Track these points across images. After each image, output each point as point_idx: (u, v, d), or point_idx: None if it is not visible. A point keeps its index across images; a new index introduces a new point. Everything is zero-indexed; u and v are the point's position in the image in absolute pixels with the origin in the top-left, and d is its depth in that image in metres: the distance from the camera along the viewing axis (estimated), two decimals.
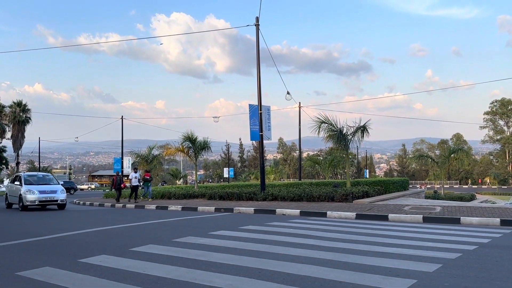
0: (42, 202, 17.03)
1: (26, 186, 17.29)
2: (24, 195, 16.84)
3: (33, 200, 16.77)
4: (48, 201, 17.23)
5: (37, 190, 17.01)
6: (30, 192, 16.87)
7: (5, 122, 52.49)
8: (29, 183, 17.68)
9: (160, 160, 33.97)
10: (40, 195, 16.94)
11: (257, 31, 17.51)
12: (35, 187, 17.34)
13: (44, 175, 19.74)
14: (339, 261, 5.76)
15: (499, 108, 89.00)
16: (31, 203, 16.79)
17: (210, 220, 11.74)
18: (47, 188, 17.50)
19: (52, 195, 17.30)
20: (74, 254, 6.57)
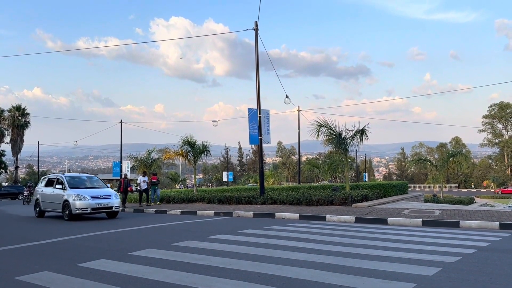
0: (95, 209, 14.04)
1: (72, 191, 14.15)
2: (73, 202, 13.69)
3: (84, 207, 13.74)
4: (102, 208, 14.30)
5: (88, 195, 13.98)
6: (80, 198, 13.80)
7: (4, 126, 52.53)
8: (75, 187, 14.60)
9: (159, 164, 33.98)
10: (93, 201, 13.95)
11: (256, 35, 17.57)
12: (84, 191, 14.31)
13: (88, 176, 16.68)
14: (338, 265, 5.75)
15: (498, 111, 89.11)
16: (83, 210, 13.73)
17: (209, 224, 11.73)
18: (99, 193, 14.54)
19: (106, 200, 14.32)
20: (73, 259, 6.56)
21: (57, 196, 14.56)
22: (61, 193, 14.40)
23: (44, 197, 15.49)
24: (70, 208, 13.77)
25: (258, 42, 17.63)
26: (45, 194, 15.50)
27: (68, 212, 13.88)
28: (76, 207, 13.68)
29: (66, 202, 13.96)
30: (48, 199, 15.23)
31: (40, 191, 15.95)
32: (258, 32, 17.58)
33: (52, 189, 15.11)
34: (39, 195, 15.88)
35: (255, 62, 17.83)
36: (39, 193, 15.97)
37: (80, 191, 14.27)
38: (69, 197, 13.93)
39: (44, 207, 15.48)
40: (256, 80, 17.85)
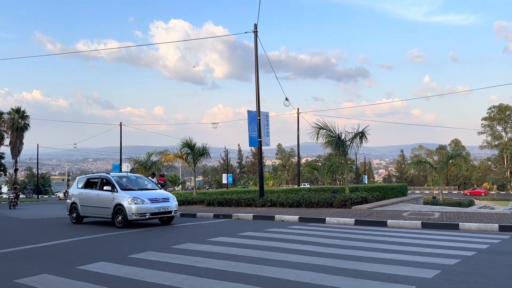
0: (154, 214, 11.92)
1: (126, 193, 12.01)
2: (129, 206, 11.53)
3: (143, 212, 11.58)
4: (162, 213, 12.15)
5: (146, 198, 11.87)
6: (137, 201, 11.64)
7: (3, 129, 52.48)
8: (127, 188, 12.51)
9: (158, 166, 33.98)
10: (152, 204, 11.80)
11: (255, 38, 17.61)
12: (139, 193, 12.19)
13: (137, 176, 14.61)
14: (338, 268, 5.76)
15: (497, 113, 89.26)
16: (141, 216, 11.58)
17: (209, 227, 11.72)
18: (157, 195, 12.49)
19: (165, 204, 12.21)
20: (73, 261, 6.55)
21: (105, 200, 12.32)
22: (110, 196, 12.15)
23: (85, 200, 13.19)
24: (124, 214, 11.59)
25: (257, 45, 17.67)
26: (87, 197, 13.16)
27: (122, 218, 11.70)
28: (133, 212, 11.51)
29: (119, 207, 11.73)
30: (90, 202, 12.95)
31: (77, 194, 13.58)
32: (257, 35, 17.62)
33: (96, 191, 12.88)
34: (76, 199, 13.54)
35: (255, 64, 17.86)
36: (75, 196, 13.62)
37: (134, 193, 12.10)
38: (122, 200, 11.73)
39: (85, 212, 13.21)
40: (255, 82, 17.88)
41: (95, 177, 13.80)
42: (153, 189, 13.24)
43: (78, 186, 13.91)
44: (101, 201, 12.53)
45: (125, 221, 11.64)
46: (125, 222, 11.65)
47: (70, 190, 14.45)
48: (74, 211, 13.54)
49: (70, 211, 13.78)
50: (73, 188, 14.36)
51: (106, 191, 12.37)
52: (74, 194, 13.80)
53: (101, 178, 13.04)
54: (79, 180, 14.35)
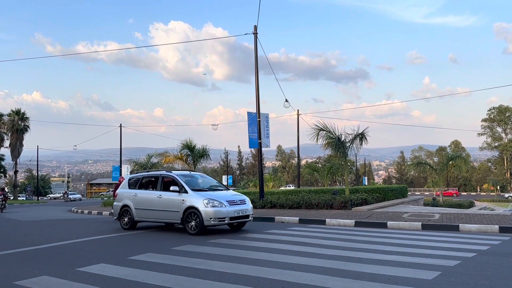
0: (233, 219, 10.26)
1: (197, 194, 10.40)
2: (205, 210, 9.87)
3: (221, 216, 9.93)
4: (241, 217, 10.44)
5: (224, 201, 10.18)
6: (214, 204, 9.97)
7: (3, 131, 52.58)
8: (197, 188, 10.86)
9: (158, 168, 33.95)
10: (230, 207, 10.17)
11: (255, 39, 17.63)
12: (213, 194, 10.53)
13: (201, 175, 12.70)
14: (338, 269, 5.75)
15: (497, 115, 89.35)
16: (219, 221, 9.96)
17: (209, 228, 11.70)
18: (234, 197, 10.84)
19: (244, 207, 10.54)
20: (72, 263, 6.54)
21: (171, 202, 10.60)
22: (178, 197, 10.46)
23: (141, 202, 11.39)
24: (200, 218, 9.92)
25: (257, 46, 17.69)
26: (144, 199, 11.36)
27: (196, 223, 10.01)
28: (211, 217, 9.82)
29: (192, 210, 10.09)
30: (149, 205, 11.13)
31: (130, 195, 11.80)
32: (257, 36, 17.64)
33: (157, 192, 11.13)
34: (128, 201, 11.74)
35: (255, 66, 17.87)
36: (127, 197, 11.84)
37: (208, 194, 10.49)
38: (196, 203, 10.06)
39: (141, 216, 11.41)
40: (255, 84, 17.89)
41: (152, 175, 12.07)
42: (223, 189, 11.52)
43: (130, 187, 12.12)
44: (164, 204, 10.75)
45: (201, 226, 9.93)
46: (201, 228, 9.93)
47: (119, 191, 12.41)
48: (126, 215, 11.71)
49: (120, 215, 11.89)
50: (122, 188, 12.47)
51: (173, 192, 10.60)
52: (125, 196, 11.97)
53: (162, 177, 11.37)
54: (130, 179, 12.47)
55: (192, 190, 10.50)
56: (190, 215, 10.13)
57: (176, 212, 10.47)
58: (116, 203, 12.25)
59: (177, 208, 10.41)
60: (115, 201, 12.49)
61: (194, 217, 10.04)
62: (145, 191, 11.62)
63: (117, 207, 12.09)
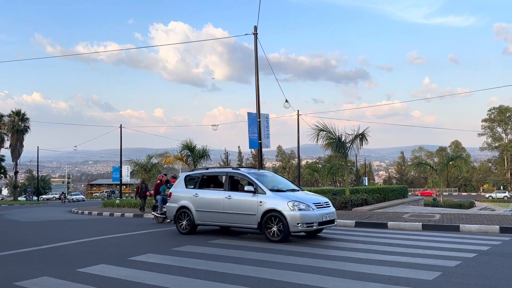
0: (321, 224, 8.90)
1: (279, 195, 9.05)
2: (291, 214, 8.52)
3: (309, 221, 8.59)
4: (328, 222, 9.13)
5: (311, 203, 8.85)
6: (300, 207, 8.62)
7: (3, 131, 52.59)
8: (276, 189, 9.45)
9: (159, 168, 33.94)
10: (318, 211, 8.84)
11: (255, 40, 17.63)
12: (296, 196, 9.17)
13: (271, 174, 11.20)
14: (338, 269, 5.75)
15: (497, 115, 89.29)
16: (307, 226, 8.61)
17: (209, 229, 11.69)
18: (318, 199, 9.44)
19: (330, 210, 9.28)
20: (73, 264, 6.54)
21: (245, 204, 9.26)
22: (254, 199, 9.09)
23: (204, 204, 10.00)
24: (284, 223, 8.56)
25: (257, 47, 17.69)
26: (207, 200, 9.98)
27: (278, 229, 8.64)
28: (298, 222, 8.48)
29: (273, 214, 8.75)
30: (215, 207, 9.74)
31: (189, 195, 10.34)
32: (257, 37, 17.65)
33: (224, 192, 9.77)
34: (186, 202, 10.32)
35: (255, 66, 17.87)
36: (186, 198, 10.38)
37: (291, 195, 9.10)
38: (278, 205, 8.72)
39: (203, 219, 10.03)
40: (255, 84, 17.89)
41: (216, 173, 11.01)
42: (299, 190, 10.14)
43: (187, 186, 10.70)
44: (235, 206, 9.40)
45: (286, 233, 8.58)
46: (285, 234, 8.59)
47: (174, 191, 10.93)
48: (184, 218, 10.33)
49: (177, 218, 10.47)
50: (178, 188, 10.94)
51: (247, 192, 9.24)
52: (182, 196, 10.54)
53: (229, 175, 10.04)
54: (187, 177, 10.92)
55: (270, 191, 9.15)
56: (270, 219, 8.75)
57: (251, 216, 9.06)
58: (171, 204, 10.77)
59: (253, 211, 9.03)
60: (169, 202, 10.94)
61: (276, 221, 8.67)
62: (209, 191, 10.23)
63: (172, 208, 10.62)
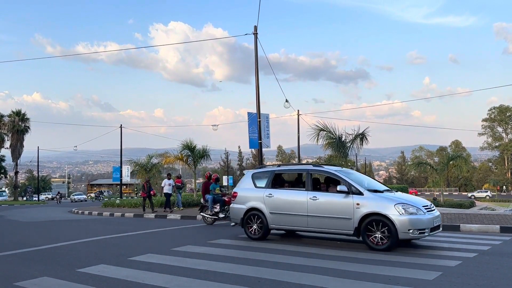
0: (432, 230, 7.75)
1: (378, 196, 7.96)
2: (400, 218, 7.36)
3: (421, 228, 7.43)
4: (437, 228, 7.98)
5: (420, 206, 7.74)
6: (410, 210, 7.48)
7: (4, 132, 52.58)
8: (373, 190, 8.22)
9: (159, 168, 33.97)
10: (429, 215, 7.71)
11: (255, 39, 17.61)
12: (400, 197, 8.04)
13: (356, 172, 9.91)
14: (339, 270, 5.74)
15: (497, 115, 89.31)
16: (419, 233, 7.43)
17: (209, 229, 11.70)
18: (424, 201, 8.33)
19: (437, 213, 8.13)
20: (73, 264, 6.53)
21: (337, 206, 8.04)
22: (348, 200, 7.91)
23: (282, 206, 8.74)
24: (392, 229, 7.39)
25: (257, 47, 17.68)
26: (287, 202, 8.73)
27: (383, 235, 7.49)
28: (409, 228, 7.33)
29: (375, 218, 7.59)
30: (296, 209, 8.50)
31: (262, 196, 9.04)
32: (257, 37, 17.63)
33: (307, 192, 8.47)
34: (258, 203, 9.06)
35: (255, 66, 17.86)
36: (257, 198, 9.11)
37: (395, 197, 7.98)
38: (382, 208, 7.58)
39: (280, 222, 8.79)
40: (255, 84, 17.88)
41: (292, 171, 9.89)
42: (390, 189, 8.85)
43: (257, 184, 9.38)
44: (324, 209, 8.19)
45: (393, 240, 7.39)
46: (392, 241, 7.39)
47: (240, 191, 9.59)
48: (254, 221, 9.07)
49: (246, 221, 9.22)
50: (245, 187, 9.62)
51: (339, 192, 8.03)
52: (252, 196, 9.24)
53: (310, 173, 8.77)
54: (255, 175, 9.62)
55: (368, 191, 7.98)
56: (371, 224, 7.60)
57: (344, 220, 7.90)
58: (236, 206, 9.49)
59: (347, 215, 7.87)
60: (234, 202, 9.64)
61: (379, 227, 7.52)
62: (287, 191, 9.05)
63: (239, 210, 9.36)
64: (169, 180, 18.84)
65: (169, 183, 18.64)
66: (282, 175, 9.65)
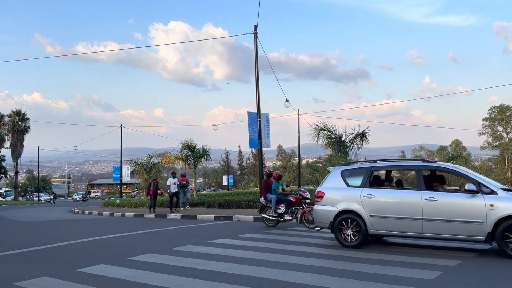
0: None
1: None
2: None
3: None
4: None
5: None
6: None
7: (4, 131, 52.61)
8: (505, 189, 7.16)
9: (159, 168, 33.99)
10: None
11: (255, 39, 17.60)
12: None
13: None
14: (339, 269, 5.73)
15: (498, 114, 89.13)
16: None
17: (209, 229, 11.69)
18: None
19: None
20: (73, 264, 6.53)
21: (463, 208, 6.94)
22: (476, 201, 6.86)
23: (389, 208, 7.57)
24: None
25: (257, 46, 17.66)
26: (394, 203, 7.58)
27: None
28: None
29: None
30: (407, 212, 7.34)
31: (359, 196, 7.82)
32: (257, 36, 17.62)
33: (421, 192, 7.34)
34: (355, 204, 7.81)
35: (255, 66, 17.85)
36: (354, 199, 7.86)
37: None
38: None
39: (386, 227, 7.57)
40: (255, 84, 17.86)
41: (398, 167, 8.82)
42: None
43: (350, 183, 8.17)
44: (446, 211, 7.05)
45: None
46: None
47: (328, 190, 8.31)
48: (350, 226, 7.81)
49: (337, 225, 7.95)
50: (334, 185, 8.33)
51: (466, 191, 7.00)
52: (345, 197, 8.04)
53: (420, 170, 7.64)
54: (347, 172, 8.37)
55: (503, 190, 6.92)
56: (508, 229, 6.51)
57: (474, 225, 6.79)
58: (323, 208, 8.23)
59: (478, 218, 6.78)
60: (319, 204, 8.36)
61: None
62: (392, 190, 8.04)
63: (327, 213, 8.10)
64: (174, 179, 18.60)
65: (174, 182, 18.32)
66: (385, 172, 8.54)
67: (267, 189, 12.41)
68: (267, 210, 12.15)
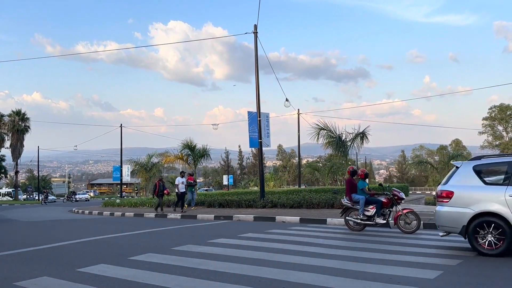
0: None
1: None
2: None
3: None
4: None
5: None
6: None
7: (4, 131, 52.64)
8: None
9: (159, 168, 34.01)
10: None
11: (255, 38, 17.60)
12: None
13: None
14: (339, 269, 5.72)
15: (498, 113, 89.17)
16: None
17: (210, 228, 11.69)
18: None
19: None
20: (73, 264, 6.52)
21: None
22: None
23: None
24: None
25: (257, 46, 17.67)
26: None
27: None
28: None
29: None
30: None
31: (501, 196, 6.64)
32: (257, 36, 17.62)
33: None
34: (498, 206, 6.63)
35: (255, 65, 17.85)
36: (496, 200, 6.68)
37: None
38: None
39: None
40: (255, 83, 17.87)
41: None
42: None
43: (487, 181, 7.01)
44: None
45: None
46: None
47: (457, 189, 7.14)
48: (489, 231, 6.66)
49: (473, 229, 6.80)
50: (467, 184, 7.13)
51: None
52: (482, 197, 6.88)
53: None
54: (483, 168, 7.19)
55: None
56: None
57: None
58: (455, 209, 7.06)
59: None
60: (447, 205, 7.20)
61: None
62: None
63: (460, 216, 6.95)
64: (182, 179, 18.41)
65: (183, 181, 18.08)
66: None
67: (352, 189, 11.12)
68: (351, 212, 10.84)
